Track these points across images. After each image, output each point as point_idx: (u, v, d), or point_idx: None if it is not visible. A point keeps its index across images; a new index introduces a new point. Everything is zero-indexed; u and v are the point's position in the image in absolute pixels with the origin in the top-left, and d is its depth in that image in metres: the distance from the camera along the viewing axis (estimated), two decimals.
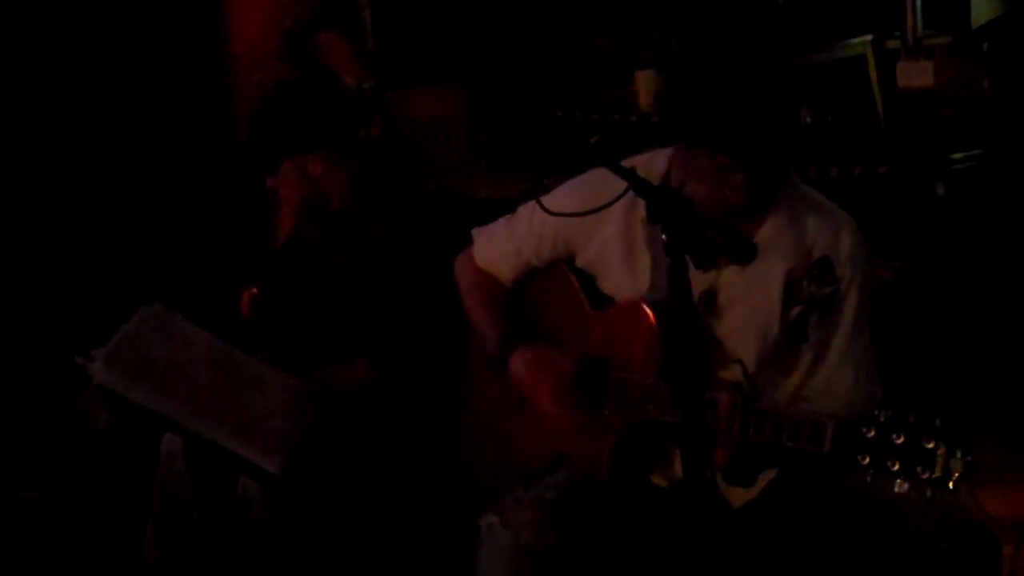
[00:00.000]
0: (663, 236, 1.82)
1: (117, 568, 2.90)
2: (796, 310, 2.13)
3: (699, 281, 2.16)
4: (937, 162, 4.66)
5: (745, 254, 1.82)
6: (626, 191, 2.01)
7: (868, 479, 1.79)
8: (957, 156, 4.68)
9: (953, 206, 4.59)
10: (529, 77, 5.89)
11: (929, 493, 1.74)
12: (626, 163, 2.17)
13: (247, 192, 4.41)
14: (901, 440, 1.76)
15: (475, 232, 2.53)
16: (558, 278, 2.41)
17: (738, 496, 2.17)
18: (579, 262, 2.36)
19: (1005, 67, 4.63)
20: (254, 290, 3.08)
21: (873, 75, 4.70)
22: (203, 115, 4.61)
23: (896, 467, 1.75)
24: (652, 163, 2.25)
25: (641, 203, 2.09)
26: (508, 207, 2.55)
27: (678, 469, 2.21)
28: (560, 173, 2.45)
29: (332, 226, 2.94)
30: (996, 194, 4.56)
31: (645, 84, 5.01)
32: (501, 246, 2.47)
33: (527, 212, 2.42)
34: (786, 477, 2.16)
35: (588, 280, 2.36)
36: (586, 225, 2.26)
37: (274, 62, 4.76)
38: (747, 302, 2.09)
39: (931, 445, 1.73)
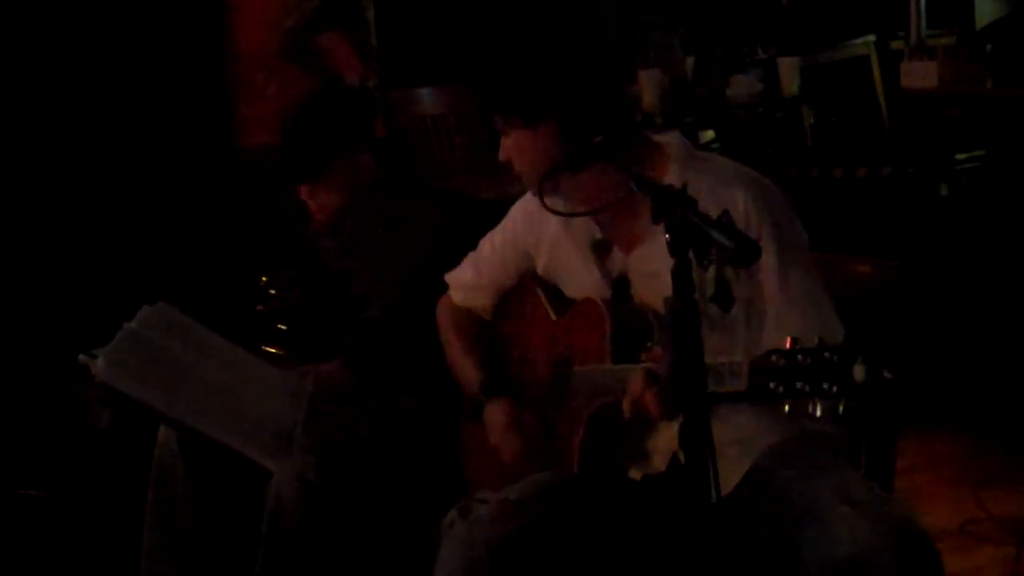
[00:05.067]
0: (666, 236, 1.82)
1: (120, 566, 2.90)
2: (711, 270, 2.13)
3: (614, 266, 2.25)
4: (941, 163, 4.66)
5: (748, 255, 1.81)
6: (629, 192, 2.02)
7: (786, 408, 1.79)
8: (961, 156, 4.68)
9: (957, 206, 4.60)
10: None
11: (842, 408, 1.74)
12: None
13: (253, 192, 4.43)
14: (807, 361, 1.77)
15: (447, 277, 2.60)
16: (527, 295, 2.47)
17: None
18: (539, 269, 2.42)
19: (1009, 67, 4.63)
20: (264, 279, 3.08)
21: (877, 76, 4.71)
22: (206, 115, 4.61)
23: (807, 388, 1.76)
24: None
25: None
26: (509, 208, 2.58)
27: (655, 463, 2.22)
28: (564, 172, 2.45)
29: (346, 241, 2.97)
30: (1000, 194, 4.56)
31: (648, 83, 5.00)
32: (472, 279, 2.54)
33: (487, 239, 2.51)
34: (751, 475, 2.16)
35: (554, 290, 2.41)
36: (532, 231, 2.37)
37: (277, 62, 4.76)
38: (660, 277, 2.06)
39: (834, 358, 1.74)
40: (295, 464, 2.55)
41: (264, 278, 3.06)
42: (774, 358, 1.81)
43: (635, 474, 2.26)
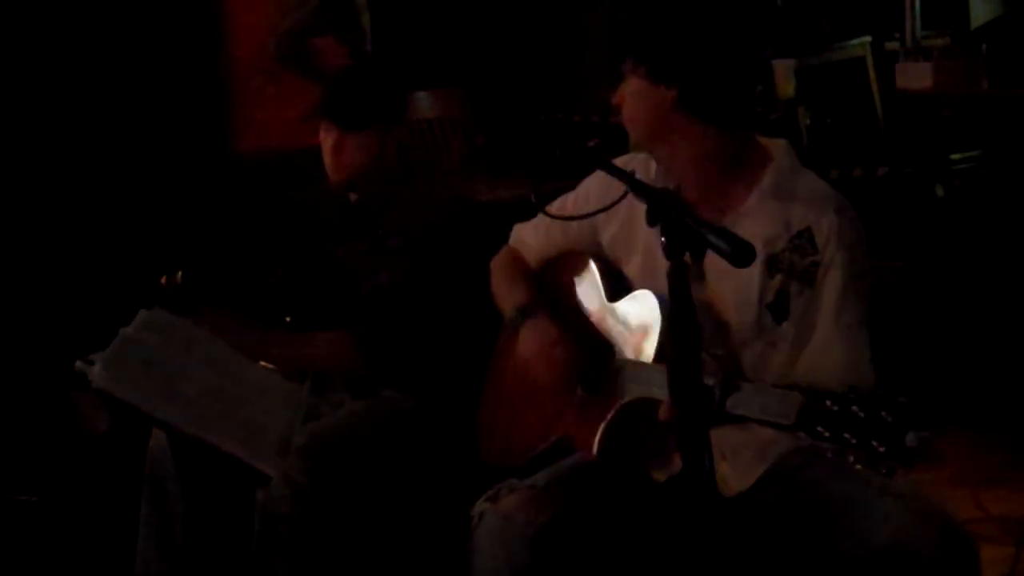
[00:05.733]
0: (662, 238, 1.82)
1: (116, 571, 2.90)
2: (777, 279, 2.15)
3: None
4: (936, 163, 4.66)
5: (744, 256, 1.81)
6: (625, 194, 2.02)
7: (828, 454, 1.79)
8: (956, 157, 4.68)
9: (952, 207, 4.59)
10: (528, 79, 5.89)
11: (885, 471, 1.74)
12: (622, 161, 2.26)
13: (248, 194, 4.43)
14: (861, 414, 1.75)
15: (516, 226, 2.62)
16: (583, 271, 2.45)
17: (728, 488, 2.18)
18: (604, 241, 2.39)
19: (1004, 68, 4.63)
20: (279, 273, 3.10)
21: (872, 76, 4.70)
22: (203, 119, 4.61)
23: (854, 441, 1.74)
24: (648, 162, 2.29)
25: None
26: (508, 210, 2.59)
27: (677, 462, 2.23)
28: (558, 176, 2.46)
29: (351, 216, 2.98)
30: (995, 195, 4.56)
31: None
32: (532, 226, 2.55)
33: (559, 200, 2.49)
34: (775, 471, 2.17)
35: (612, 269, 2.39)
36: (606, 201, 2.28)
37: (273, 67, 4.77)
38: (727, 270, 2.09)
39: (890, 419, 1.72)
40: (285, 467, 2.55)
41: (276, 275, 3.08)
42: (828, 403, 1.80)
43: (659, 476, 2.26)
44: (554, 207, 2.48)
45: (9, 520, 3.32)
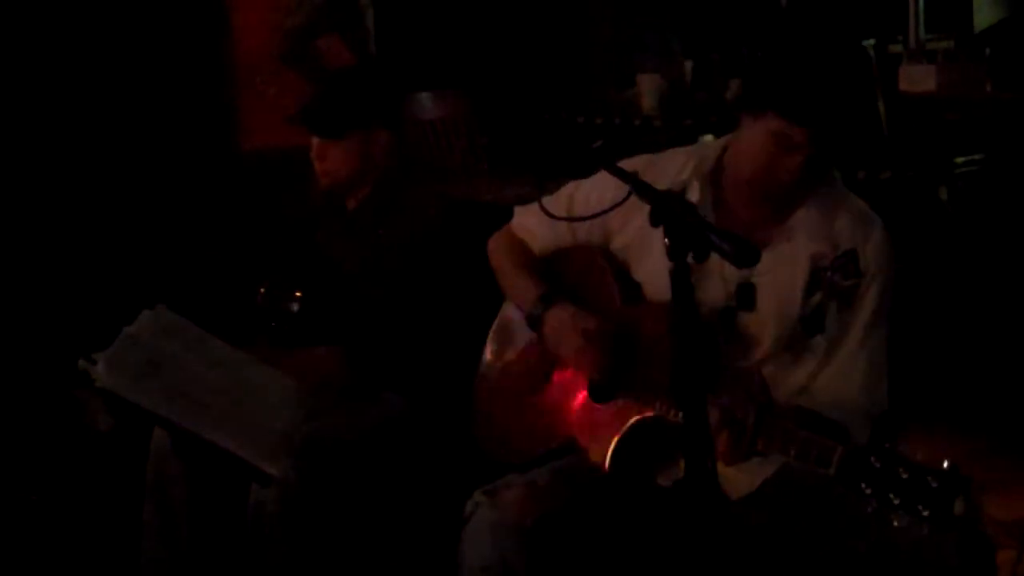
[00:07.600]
0: (665, 240, 1.82)
1: (120, 570, 2.91)
2: (817, 296, 2.17)
3: (737, 273, 2.19)
4: (940, 166, 4.66)
5: (747, 258, 1.81)
6: (629, 195, 2.02)
7: (869, 510, 1.78)
8: (959, 160, 4.68)
9: (956, 210, 4.60)
10: (532, 80, 5.89)
11: (926, 531, 1.73)
12: (630, 163, 2.24)
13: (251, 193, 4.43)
14: (906, 475, 1.75)
15: (516, 209, 2.56)
16: (592, 267, 2.40)
17: (736, 489, 2.18)
18: (614, 246, 2.37)
19: (1007, 71, 4.63)
20: (264, 286, 3.09)
21: (876, 79, 4.70)
22: (207, 118, 4.62)
23: (897, 501, 1.75)
24: (672, 161, 2.30)
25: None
26: (511, 211, 2.57)
27: (683, 467, 2.22)
28: (563, 177, 2.45)
29: (349, 221, 2.96)
30: (998, 198, 4.56)
31: (648, 87, 5.01)
32: (538, 218, 2.46)
33: (566, 192, 2.44)
34: (783, 474, 2.17)
35: (621, 269, 2.36)
36: (624, 209, 2.23)
37: (276, 66, 4.77)
38: (773, 281, 2.10)
39: (935, 485, 1.73)
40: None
41: (262, 289, 3.06)
42: (873, 459, 1.79)
43: (664, 480, 2.26)
44: (563, 194, 2.43)
45: (12, 519, 3.32)
